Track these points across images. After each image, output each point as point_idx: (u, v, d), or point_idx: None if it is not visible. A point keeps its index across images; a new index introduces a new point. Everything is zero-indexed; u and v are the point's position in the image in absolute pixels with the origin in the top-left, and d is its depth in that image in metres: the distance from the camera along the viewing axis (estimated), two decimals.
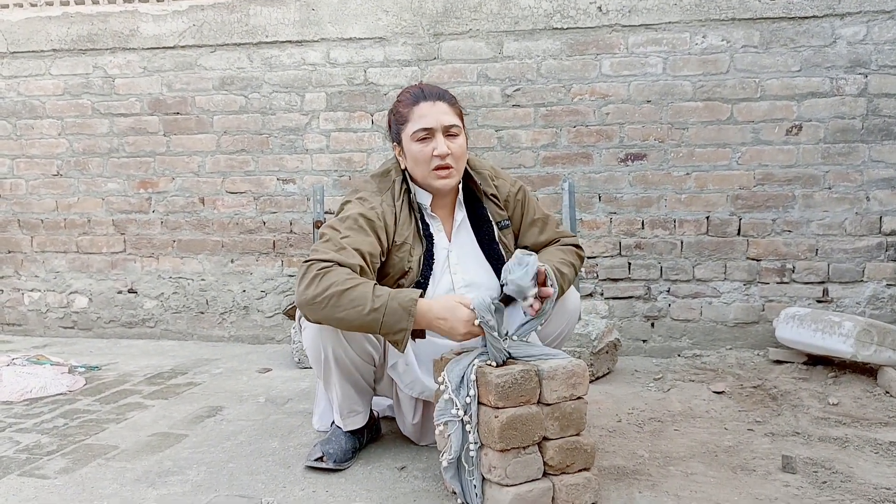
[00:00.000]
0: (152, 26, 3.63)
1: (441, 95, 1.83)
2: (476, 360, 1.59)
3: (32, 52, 3.75)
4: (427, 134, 1.78)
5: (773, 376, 2.77)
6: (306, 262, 1.64)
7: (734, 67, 3.18)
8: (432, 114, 1.79)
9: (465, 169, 1.91)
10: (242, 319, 3.69)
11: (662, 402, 2.51)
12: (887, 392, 2.51)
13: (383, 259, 1.80)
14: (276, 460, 1.94)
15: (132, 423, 2.29)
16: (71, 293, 3.85)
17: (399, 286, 1.80)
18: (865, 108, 3.11)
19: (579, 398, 1.57)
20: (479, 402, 1.57)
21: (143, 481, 1.80)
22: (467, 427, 1.57)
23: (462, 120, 1.86)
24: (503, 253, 1.91)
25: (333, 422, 1.98)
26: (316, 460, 1.84)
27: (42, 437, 2.16)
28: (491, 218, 1.93)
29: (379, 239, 1.76)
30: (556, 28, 3.29)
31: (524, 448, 1.52)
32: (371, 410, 2.02)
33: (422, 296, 1.75)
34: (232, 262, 3.68)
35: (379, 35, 3.44)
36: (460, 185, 1.92)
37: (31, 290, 3.89)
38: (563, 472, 1.55)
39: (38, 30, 3.72)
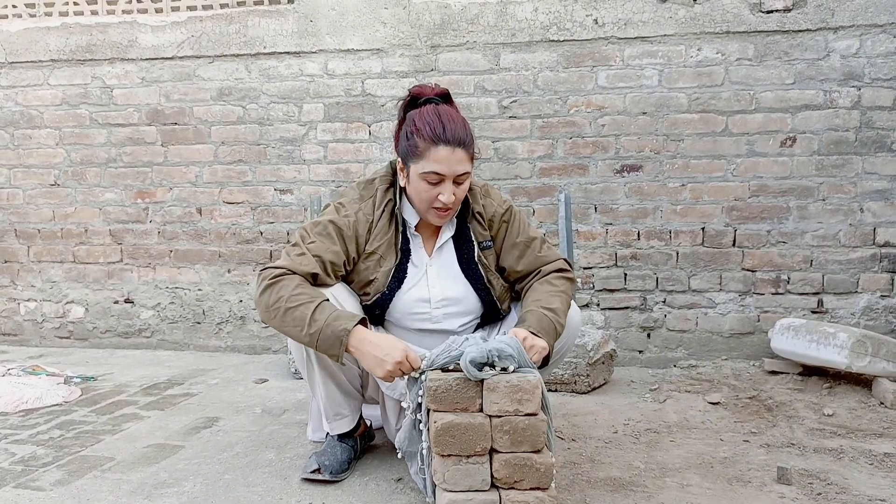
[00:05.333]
0: (151, 37, 3.65)
1: (461, 141, 1.74)
2: (424, 363, 1.59)
3: (31, 62, 3.76)
4: (437, 179, 1.74)
5: (768, 387, 2.78)
6: (263, 269, 1.72)
7: (729, 80, 3.21)
8: (448, 161, 1.72)
9: None
10: (239, 330, 3.69)
11: (658, 412, 2.51)
12: (882, 403, 2.53)
13: (350, 267, 1.83)
14: (272, 472, 1.94)
15: (128, 435, 2.28)
16: (67, 303, 3.84)
17: (365, 294, 1.85)
18: (859, 121, 3.14)
19: (531, 415, 1.50)
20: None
21: (139, 493, 1.80)
22: (420, 426, 1.60)
23: (472, 161, 1.80)
24: (482, 273, 1.88)
25: (328, 433, 1.98)
26: (312, 472, 1.84)
27: (38, 448, 2.15)
28: (473, 237, 1.89)
29: (346, 248, 1.79)
30: (553, 40, 3.32)
31: (467, 457, 1.50)
32: (363, 419, 2.03)
33: (381, 311, 1.83)
34: (229, 272, 3.69)
35: (377, 47, 3.47)
36: None
37: (28, 300, 3.88)
38: (512, 488, 1.51)
39: (37, 40, 3.74)
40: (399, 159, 1.85)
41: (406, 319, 1.87)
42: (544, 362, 1.73)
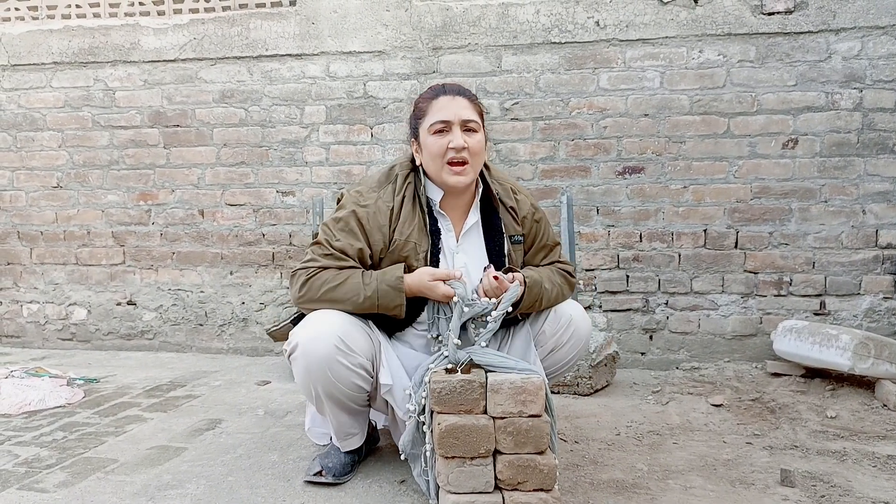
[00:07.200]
0: (153, 39, 3.65)
1: (461, 91, 1.83)
2: (432, 365, 1.59)
3: (33, 64, 3.77)
4: (444, 126, 1.77)
5: (771, 389, 2.78)
6: (297, 269, 1.77)
7: (731, 82, 3.21)
8: (451, 107, 1.79)
9: (486, 178, 1.90)
10: (241, 331, 3.69)
11: (661, 414, 2.51)
12: (885, 405, 2.52)
13: (382, 256, 1.82)
14: (275, 474, 1.94)
15: (131, 437, 2.29)
16: (70, 305, 3.85)
17: None
18: (861, 123, 3.14)
19: (535, 416, 1.51)
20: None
21: (143, 495, 1.80)
22: (423, 428, 1.61)
23: (482, 118, 1.85)
24: (510, 266, 1.90)
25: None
26: (315, 474, 1.84)
27: (41, 450, 2.15)
28: (504, 230, 1.91)
29: (369, 240, 1.80)
30: (555, 42, 3.32)
31: (470, 459, 1.51)
32: (369, 421, 2.02)
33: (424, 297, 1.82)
34: (231, 274, 3.69)
35: (378, 49, 3.47)
36: (479, 191, 1.91)
37: (30, 302, 3.89)
38: (515, 490, 1.51)
39: (40, 42, 3.74)
40: (412, 141, 1.88)
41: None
42: (514, 306, 1.77)
